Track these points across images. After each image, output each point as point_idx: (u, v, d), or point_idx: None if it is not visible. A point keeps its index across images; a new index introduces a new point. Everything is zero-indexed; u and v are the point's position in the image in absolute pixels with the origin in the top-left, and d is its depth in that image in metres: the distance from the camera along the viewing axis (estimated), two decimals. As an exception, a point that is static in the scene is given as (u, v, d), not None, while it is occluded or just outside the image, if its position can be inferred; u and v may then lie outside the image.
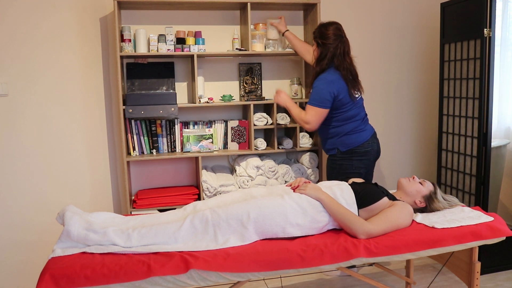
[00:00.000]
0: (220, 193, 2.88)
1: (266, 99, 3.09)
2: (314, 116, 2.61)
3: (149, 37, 2.87)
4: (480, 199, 2.84)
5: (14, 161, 2.84)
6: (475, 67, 2.82)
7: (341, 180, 2.31)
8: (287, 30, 3.01)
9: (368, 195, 2.05)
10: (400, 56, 3.53)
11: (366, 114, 2.77)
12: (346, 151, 2.67)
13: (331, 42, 2.60)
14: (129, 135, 2.90)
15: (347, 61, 2.63)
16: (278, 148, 3.05)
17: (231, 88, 3.19)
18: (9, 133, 2.82)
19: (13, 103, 2.81)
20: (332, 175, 2.72)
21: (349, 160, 2.66)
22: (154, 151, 2.93)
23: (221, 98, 3.07)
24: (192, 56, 2.91)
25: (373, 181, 2.67)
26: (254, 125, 3.00)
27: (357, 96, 2.66)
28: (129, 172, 2.94)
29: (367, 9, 3.41)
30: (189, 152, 2.96)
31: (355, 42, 3.40)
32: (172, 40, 2.87)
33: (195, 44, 2.90)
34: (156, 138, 2.94)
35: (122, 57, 2.87)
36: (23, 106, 2.84)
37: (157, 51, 2.85)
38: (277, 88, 3.02)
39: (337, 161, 2.71)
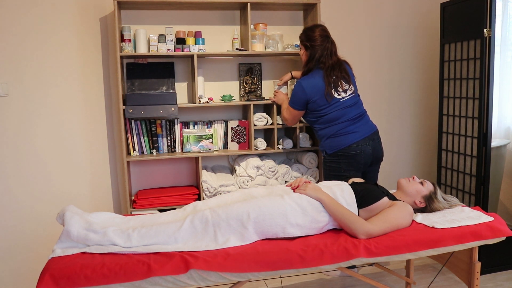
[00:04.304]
0: (220, 193, 2.88)
1: (266, 99, 3.08)
2: (289, 114, 2.78)
3: (149, 37, 2.87)
4: (480, 199, 2.84)
5: (14, 161, 2.84)
6: (475, 67, 2.82)
7: (334, 180, 2.31)
8: (290, 72, 3.02)
9: (368, 195, 2.05)
10: (400, 56, 3.53)
11: (360, 115, 2.69)
12: (332, 154, 2.67)
13: (318, 44, 2.64)
14: (129, 135, 2.90)
15: (334, 60, 2.65)
16: (278, 148, 3.05)
17: (231, 88, 3.19)
18: (9, 133, 2.82)
19: (13, 103, 2.81)
20: (325, 176, 2.75)
21: (336, 162, 2.66)
22: (154, 151, 2.93)
23: (221, 98, 3.07)
24: (192, 56, 2.91)
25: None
26: (254, 125, 3.00)
27: (339, 97, 2.64)
28: (129, 172, 2.94)
29: (367, 9, 3.41)
30: (189, 152, 2.96)
31: (355, 42, 3.41)
32: (172, 40, 2.87)
33: (195, 44, 2.90)
34: (156, 138, 2.94)
35: (122, 57, 2.87)
36: (23, 106, 2.84)
37: (157, 51, 2.85)
38: (275, 88, 3.03)
39: (327, 162, 2.72)
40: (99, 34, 2.95)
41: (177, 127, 2.98)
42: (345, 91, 2.65)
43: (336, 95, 2.63)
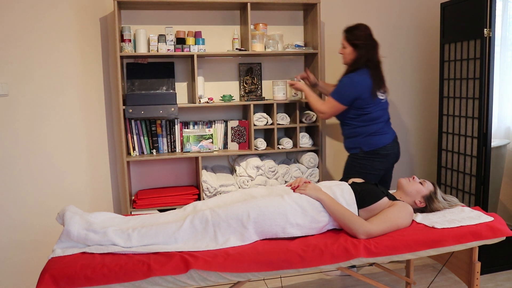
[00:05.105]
0: (220, 193, 2.88)
1: (266, 99, 3.09)
2: (331, 108, 2.70)
3: (149, 37, 2.87)
4: (480, 199, 2.84)
5: (14, 161, 2.84)
6: (475, 67, 2.82)
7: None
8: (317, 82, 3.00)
9: (368, 195, 2.05)
10: (400, 56, 3.53)
11: (389, 118, 2.79)
12: (368, 151, 2.69)
13: (366, 43, 2.66)
14: (129, 135, 2.90)
15: (378, 60, 2.69)
16: (278, 148, 3.05)
17: (231, 88, 3.19)
18: (9, 133, 2.82)
19: (13, 103, 2.81)
20: (349, 173, 2.73)
21: (370, 160, 2.68)
22: (154, 151, 2.93)
23: (221, 98, 3.07)
24: (192, 56, 2.91)
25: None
26: (254, 125, 3.00)
27: (381, 97, 2.69)
28: (129, 172, 2.94)
29: (367, 9, 3.41)
30: (189, 152, 2.96)
31: (355, 42, 3.41)
32: (172, 40, 2.87)
33: (195, 44, 2.90)
34: (156, 138, 2.94)
35: (122, 57, 2.87)
36: (23, 106, 2.84)
37: (157, 51, 2.85)
38: (295, 80, 2.95)
39: (359, 160, 2.72)
40: (99, 34, 2.95)
41: (177, 127, 2.98)
42: (384, 92, 2.71)
43: (379, 95, 2.67)
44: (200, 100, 2.92)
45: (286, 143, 3.05)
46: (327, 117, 2.77)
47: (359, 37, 2.66)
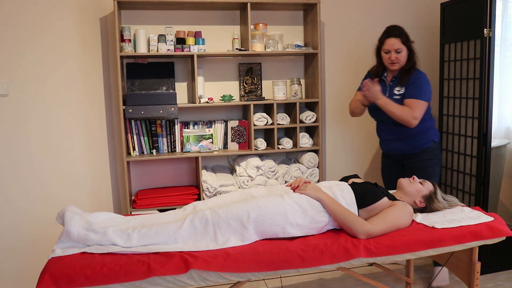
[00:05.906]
0: (220, 193, 2.88)
1: (266, 99, 3.09)
2: (422, 111, 2.57)
3: (149, 37, 2.87)
4: (480, 199, 2.84)
5: (14, 161, 2.84)
6: (475, 67, 2.82)
7: (436, 170, 2.36)
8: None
9: (368, 195, 2.05)
10: (400, 56, 3.52)
11: None
12: (437, 141, 2.75)
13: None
14: (129, 135, 2.90)
15: None
16: (278, 148, 3.05)
17: (231, 88, 3.19)
18: (9, 133, 2.82)
19: (13, 103, 2.81)
20: (433, 168, 2.69)
21: (440, 149, 2.79)
22: (154, 151, 2.93)
23: (221, 98, 3.07)
24: (192, 56, 2.91)
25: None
26: (254, 125, 3.00)
27: None
28: (129, 172, 2.94)
29: (367, 9, 3.41)
30: (189, 152, 2.96)
31: (355, 43, 3.41)
32: (172, 40, 2.87)
33: (195, 44, 2.90)
34: (156, 138, 2.95)
35: (122, 57, 2.87)
36: (24, 106, 2.84)
37: (157, 51, 2.85)
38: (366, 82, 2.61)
39: (434, 151, 2.72)
40: (99, 34, 2.95)
41: (177, 127, 2.98)
42: None
43: None
44: (200, 100, 2.92)
45: (286, 143, 3.05)
46: (417, 123, 2.57)
47: (409, 38, 2.67)
